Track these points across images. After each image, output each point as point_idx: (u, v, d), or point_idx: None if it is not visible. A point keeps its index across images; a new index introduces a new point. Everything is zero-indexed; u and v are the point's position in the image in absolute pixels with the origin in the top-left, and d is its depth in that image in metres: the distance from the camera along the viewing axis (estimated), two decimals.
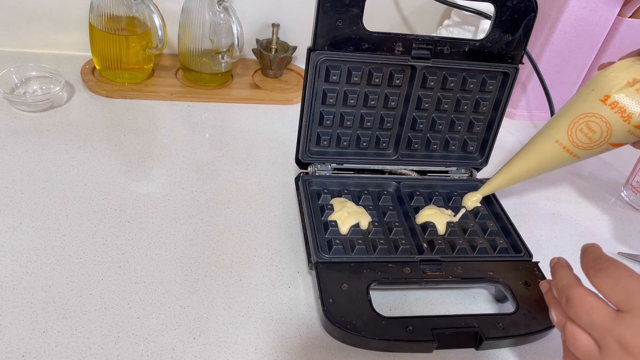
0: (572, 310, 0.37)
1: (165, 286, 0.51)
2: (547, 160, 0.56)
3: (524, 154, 0.58)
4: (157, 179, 0.64)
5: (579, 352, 0.37)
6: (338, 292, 0.49)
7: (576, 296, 0.37)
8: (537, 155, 0.56)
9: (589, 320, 0.36)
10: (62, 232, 0.55)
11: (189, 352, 0.46)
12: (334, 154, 0.63)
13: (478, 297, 0.56)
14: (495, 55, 0.59)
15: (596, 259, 0.38)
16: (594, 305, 0.36)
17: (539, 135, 0.57)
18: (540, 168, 0.57)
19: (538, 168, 0.57)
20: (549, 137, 0.56)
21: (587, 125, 0.52)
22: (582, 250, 0.40)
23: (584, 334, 0.36)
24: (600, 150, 0.54)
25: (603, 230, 0.69)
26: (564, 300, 0.38)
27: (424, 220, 0.59)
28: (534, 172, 0.58)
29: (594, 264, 0.37)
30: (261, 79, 0.87)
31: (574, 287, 0.38)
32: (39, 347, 0.44)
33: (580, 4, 0.78)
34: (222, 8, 0.75)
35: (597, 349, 0.36)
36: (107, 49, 0.75)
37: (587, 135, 0.52)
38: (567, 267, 0.41)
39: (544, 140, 0.56)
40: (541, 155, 0.56)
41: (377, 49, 0.57)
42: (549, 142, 0.55)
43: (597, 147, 0.53)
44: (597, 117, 0.51)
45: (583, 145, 0.53)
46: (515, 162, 0.58)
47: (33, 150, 0.64)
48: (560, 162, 0.56)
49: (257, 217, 0.61)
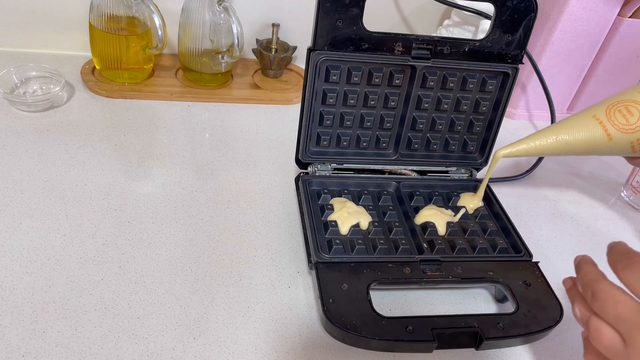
0: (598, 304, 0.37)
1: (165, 286, 0.51)
2: (581, 133, 0.54)
3: (556, 125, 0.56)
4: (157, 179, 0.64)
5: (602, 347, 0.36)
6: (338, 292, 0.49)
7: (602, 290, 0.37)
8: (571, 127, 0.55)
9: (615, 313, 0.35)
10: (62, 232, 0.55)
11: (189, 352, 0.46)
12: (334, 154, 0.63)
13: (478, 297, 0.56)
14: (495, 55, 0.59)
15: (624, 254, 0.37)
16: (621, 298, 0.35)
17: (575, 114, 0.56)
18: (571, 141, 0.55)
19: (569, 140, 0.55)
20: (586, 113, 0.55)
21: (626, 108, 0.53)
22: (609, 247, 0.39)
23: (608, 328, 0.36)
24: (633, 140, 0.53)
25: (603, 230, 0.69)
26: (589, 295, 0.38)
27: (424, 220, 0.59)
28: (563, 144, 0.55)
29: (621, 259, 0.37)
30: (261, 79, 0.87)
31: (600, 281, 0.37)
32: (39, 347, 0.44)
33: (580, 4, 0.78)
34: (222, 8, 0.75)
35: (622, 343, 0.35)
36: (107, 49, 0.75)
37: (625, 117, 0.52)
38: (592, 263, 0.41)
39: (581, 114, 0.55)
40: (575, 127, 0.54)
41: (377, 49, 0.57)
42: (585, 117, 0.54)
43: (631, 133, 0.53)
44: (637, 103, 0.53)
45: (619, 125, 0.53)
46: (545, 130, 0.56)
47: (33, 150, 0.64)
48: (593, 139, 0.54)
49: (257, 217, 0.61)
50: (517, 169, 0.77)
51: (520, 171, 0.77)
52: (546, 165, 0.79)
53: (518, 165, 0.79)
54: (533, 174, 0.77)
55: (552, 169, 0.79)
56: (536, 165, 0.77)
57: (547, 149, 0.55)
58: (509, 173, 0.76)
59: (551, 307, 0.51)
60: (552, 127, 0.56)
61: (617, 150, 0.54)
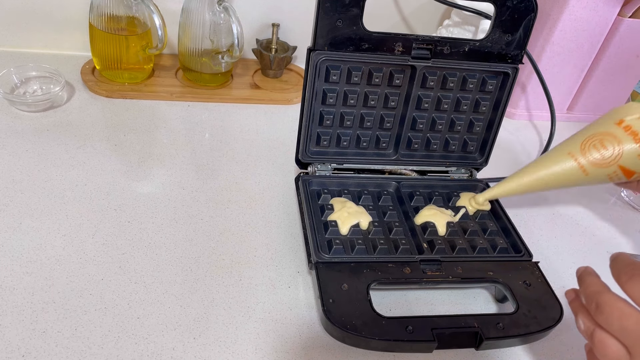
0: (603, 316, 0.36)
1: (165, 286, 0.51)
2: (557, 170, 0.55)
3: (533, 163, 0.57)
4: (157, 179, 0.64)
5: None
6: (338, 292, 0.49)
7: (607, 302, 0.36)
8: (547, 165, 0.56)
9: (621, 326, 0.35)
10: (62, 232, 0.55)
11: (189, 352, 0.46)
12: (334, 154, 0.63)
13: (478, 297, 0.56)
14: (495, 55, 0.59)
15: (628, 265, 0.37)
16: (626, 311, 0.35)
17: (551, 150, 0.57)
18: (548, 179, 0.56)
19: (546, 179, 0.56)
20: (561, 150, 0.56)
21: (601, 142, 0.53)
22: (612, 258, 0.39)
23: (613, 340, 0.36)
24: (610, 173, 0.54)
25: (603, 230, 0.69)
26: (593, 307, 0.37)
27: (424, 220, 0.59)
28: (541, 183, 0.57)
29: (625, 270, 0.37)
30: (261, 79, 0.87)
31: (604, 293, 0.37)
32: (39, 347, 0.44)
33: (580, 4, 0.78)
34: (222, 8, 0.75)
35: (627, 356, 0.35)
36: (107, 49, 0.75)
37: (599, 151, 0.53)
38: (595, 275, 0.40)
39: (556, 151, 0.56)
40: (551, 165, 0.56)
41: (377, 49, 0.57)
42: (561, 154, 0.55)
43: (606, 167, 0.53)
44: (611, 136, 0.53)
45: (594, 161, 0.53)
46: (523, 170, 0.58)
47: (33, 150, 0.64)
48: (570, 176, 0.55)
49: (257, 217, 0.61)
50: (517, 169, 0.77)
51: None
52: None
53: (518, 165, 0.78)
54: None
55: None
56: None
57: (526, 187, 0.57)
58: (509, 173, 0.76)
59: (551, 307, 0.51)
60: (529, 167, 0.58)
61: (595, 181, 0.55)
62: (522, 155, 0.82)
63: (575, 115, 0.93)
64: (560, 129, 0.90)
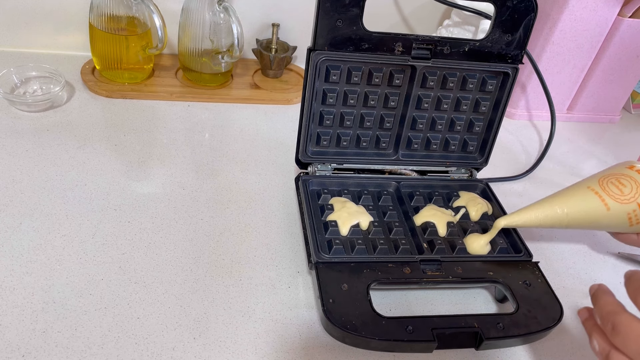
0: (619, 338, 0.35)
1: (165, 286, 0.51)
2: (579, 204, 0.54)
3: (553, 196, 0.55)
4: (157, 179, 0.64)
5: None
6: (338, 292, 0.49)
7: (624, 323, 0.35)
8: (568, 198, 0.54)
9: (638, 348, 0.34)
10: (62, 232, 0.55)
11: (189, 352, 0.46)
12: (333, 154, 0.63)
13: (478, 297, 0.56)
14: (495, 55, 0.59)
15: None
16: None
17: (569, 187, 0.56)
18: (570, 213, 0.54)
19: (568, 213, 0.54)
20: (580, 185, 0.55)
21: (618, 180, 0.54)
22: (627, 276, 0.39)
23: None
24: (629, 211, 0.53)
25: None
26: (609, 328, 0.37)
27: (424, 220, 0.59)
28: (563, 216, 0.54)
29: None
30: (261, 79, 0.87)
31: (621, 313, 0.36)
32: (39, 347, 0.44)
33: (580, 4, 0.78)
34: (222, 8, 0.75)
35: None
36: (107, 49, 0.75)
37: (618, 187, 0.53)
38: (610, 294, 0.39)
39: (576, 187, 0.55)
40: (572, 198, 0.54)
41: (377, 49, 0.57)
42: (580, 188, 0.55)
43: (627, 203, 0.53)
44: (627, 176, 0.54)
45: (614, 196, 0.53)
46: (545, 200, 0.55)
47: (33, 150, 0.64)
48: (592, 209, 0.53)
49: (257, 217, 0.61)
50: (517, 169, 0.77)
51: (520, 171, 0.77)
52: (546, 165, 0.79)
53: (518, 165, 0.79)
54: (533, 174, 0.77)
55: (552, 169, 0.79)
56: (536, 165, 0.77)
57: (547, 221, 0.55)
58: (509, 173, 0.76)
59: (551, 307, 0.51)
60: (549, 198, 0.56)
61: (615, 221, 0.54)
62: (522, 155, 0.82)
63: (575, 115, 0.93)
64: (560, 129, 0.90)
